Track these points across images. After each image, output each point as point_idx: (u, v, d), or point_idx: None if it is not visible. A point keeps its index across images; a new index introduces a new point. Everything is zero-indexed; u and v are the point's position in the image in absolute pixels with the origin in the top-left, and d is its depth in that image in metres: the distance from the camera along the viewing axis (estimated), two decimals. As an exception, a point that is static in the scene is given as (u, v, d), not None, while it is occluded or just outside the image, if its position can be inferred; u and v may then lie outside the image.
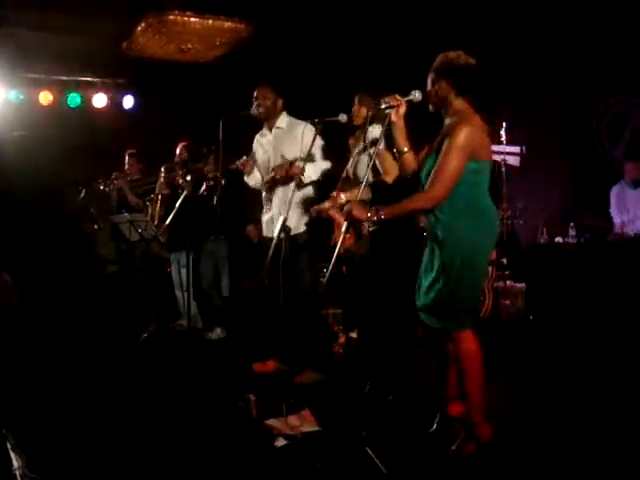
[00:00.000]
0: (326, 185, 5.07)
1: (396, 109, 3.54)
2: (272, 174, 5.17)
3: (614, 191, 7.88)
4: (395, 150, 3.70)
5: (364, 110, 4.54)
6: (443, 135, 3.45)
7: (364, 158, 4.56)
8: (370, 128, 4.29)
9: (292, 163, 5.02)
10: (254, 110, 5.17)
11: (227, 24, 7.76)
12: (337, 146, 5.11)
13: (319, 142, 4.95)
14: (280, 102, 5.28)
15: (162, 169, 7.07)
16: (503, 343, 6.40)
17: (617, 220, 7.76)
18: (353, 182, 4.76)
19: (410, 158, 3.64)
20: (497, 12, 7.50)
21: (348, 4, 7.39)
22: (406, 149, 3.62)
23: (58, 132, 8.84)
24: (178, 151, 7.10)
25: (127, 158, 7.61)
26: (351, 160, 4.72)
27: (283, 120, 5.27)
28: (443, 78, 3.47)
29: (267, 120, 5.31)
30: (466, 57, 3.48)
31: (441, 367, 3.81)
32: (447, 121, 3.53)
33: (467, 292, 3.49)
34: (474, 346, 3.50)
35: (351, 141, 4.83)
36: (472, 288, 3.55)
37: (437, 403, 3.86)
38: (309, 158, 4.67)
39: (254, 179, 5.40)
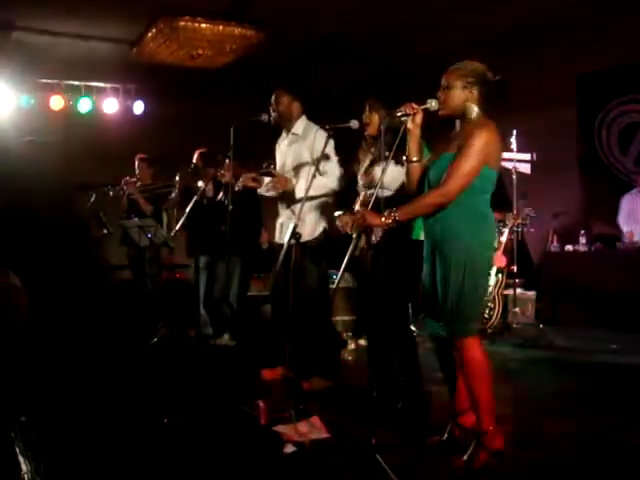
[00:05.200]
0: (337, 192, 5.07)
1: (412, 117, 3.55)
2: (271, 191, 5.18)
3: (625, 200, 7.86)
4: (404, 158, 3.69)
5: (376, 117, 4.51)
6: (461, 138, 3.43)
7: (377, 169, 4.50)
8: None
9: (285, 178, 5.08)
10: (265, 116, 5.15)
11: (237, 30, 7.79)
12: (348, 152, 5.09)
13: (331, 148, 4.94)
14: (296, 105, 5.24)
15: (177, 176, 7.03)
16: (513, 351, 6.39)
17: (625, 229, 7.74)
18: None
19: (418, 168, 3.64)
20: (504, 17, 7.51)
21: (358, 11, 7.40)
22: (415, 159, 3.63)
23: (68, 137, 8.86)
24: (195, 158, 7.08)
25: (137, 163, 7.59)
26: (362, 171, 4.68)
27: (300, 125, 5.24)
28: (477, 86, 3.47)
29: (283, 124, 5.31)
30: (492, 73, 3.51)
31: (450, 378, 3.78)
32: (462, 127, 3.52)
33: (471, 298, 3.46)
34: (480, 354, 3.46)
35: (361, 154, 4.79)
36: (476, 294, 3.50)
37: (448, 412, 3.84)
38: (319, 164, 4.64)
39: (262, 189, 5.38)
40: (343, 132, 4.51)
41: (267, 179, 5.27)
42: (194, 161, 7.02)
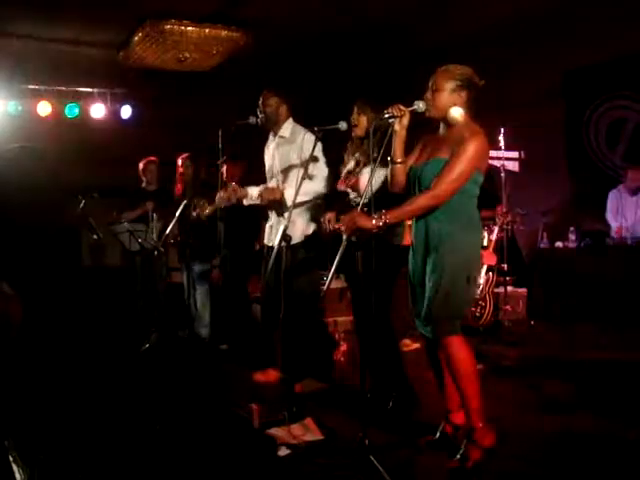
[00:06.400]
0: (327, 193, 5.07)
1: (399, 119, 3.57)
2: (259, 199, 5.18)
3: (611, 196, 7.90)
4: (389, 158, 3.70)
5: (364, 119, 4.51)
6: (453, 143, 3.47)
7: (364, 171, 4.49)
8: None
9: (274, 188, 5.09)
10: (252, 119, 5.14)
11: (224, 33, 7.78)
12: (337, 154, 5.09)
13: (319, 151, 4.93)
14: (284, 108, 5.21)
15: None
16: (505, 349, 6.40)
17: (614, 224, 7.77)
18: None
19: (402, 170, 3.68)
20: (490, 13, 7.52)
21: (345, 12, 7.40)
22: (400, 160, 3.67)
23: (56, 142, 8.84)
24: (180, 162, 7.03)
25: (144, 166, 7.47)
26: (343, 174, 4.68)
27: (287, 128, 5.21)
28: (464, 89, 3.53)
29: (270, 127, 5.29)
30: (478, 77, 3.58)
31: (439, 377, 3.81)
32: (450, 130, 3.55)
33: (462, 299, 3.56)
34: (464, 352, 3.51)
35: (345, 156, 4.78)
36: (467, 294, 3.63)
37: (441, 411, 3.86)
38: (307, 167, 4.63)
39: (252, 200, 5.33)
40: (332, 134, 4.51)
41: (254, 190, 5.25)
42: (181, 167, 6.98)
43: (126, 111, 9.31)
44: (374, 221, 3.42)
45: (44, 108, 8.76)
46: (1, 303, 6.17)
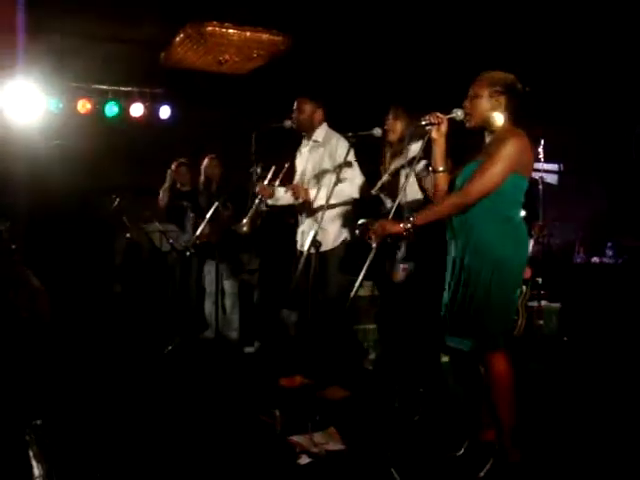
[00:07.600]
0: (359, 200, 5.03)
1: (437, 127, 3.52)
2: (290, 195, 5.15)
3: None
4: (430, 168, 3.65)
5: (400, 125, 4.47)
6: (489, 146, 3.42)
7: (401, 177, 4.45)
8: (413, 147, 4.18)
9: (305, 188, 5.07)
10: (287, 122, 5.14)
11: (265, 36, 7.79)
12: (371, 161, 5.05)
13: (352, 157, 4.90)
14: (319, 114, 5.23)
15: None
16: (536, 364, 6.31)
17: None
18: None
19: (444, 178, 3.60)
20: (534, 30, 7.42)
21: (386, 18, 7.36)
22: (441, 168, 3.59)
23: (95, 140, 8.89)
24: (207, 163, 7.07)
25: (174, 168, 7.48)
26: (384, 178, 4.64)
27: (321, 133, 5.23)
28: (504, 95, 3.46)
29: (305, 132, 5.29)
30: (521, 84, 3.50)
31: (468, 392, 3.73)
32: (491, 137, 3.48)
33: (499, 309, 3.42)
34: (505, 368, 3.41)
35: (385, 163, 4.74)
36: (505, 305, 3.47)
37: (466, 426, 3.79)
38: (340, 172, 4.60)
39: (277, 200, 5.34)
40: (366, 140, 4.48)
41: (281, 189, 5.23)
42: (208, 167, 7.01)
43: (165, 111, 9.34)
44: (402, 225, 3.39)
45: (84, 106, 8.83)
46: (30, 300, 6.23)
